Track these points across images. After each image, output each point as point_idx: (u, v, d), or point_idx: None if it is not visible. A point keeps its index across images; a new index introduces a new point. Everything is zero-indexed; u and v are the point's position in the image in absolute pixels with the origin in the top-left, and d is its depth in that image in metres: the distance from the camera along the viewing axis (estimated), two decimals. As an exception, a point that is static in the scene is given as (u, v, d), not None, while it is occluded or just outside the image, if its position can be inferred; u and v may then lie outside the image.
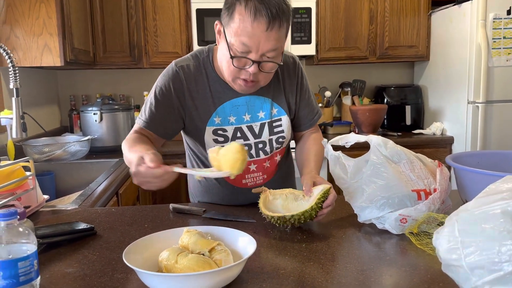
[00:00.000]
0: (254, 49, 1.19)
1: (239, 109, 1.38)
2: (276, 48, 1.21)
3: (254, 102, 1.39)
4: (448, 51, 3.13)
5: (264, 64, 1.23)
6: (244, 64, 1.23)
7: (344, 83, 3.57)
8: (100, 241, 1.15)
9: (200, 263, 0.87)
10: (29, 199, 1.37)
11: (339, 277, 0.91)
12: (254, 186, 1.43)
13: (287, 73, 1.44)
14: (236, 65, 1.22)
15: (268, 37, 1.17)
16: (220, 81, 1.37)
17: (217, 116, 1.37)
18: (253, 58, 1.20)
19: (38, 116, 2.79)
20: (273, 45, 1.19)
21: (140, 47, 3.13)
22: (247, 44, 1.18)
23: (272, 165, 1.47)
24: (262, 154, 1.43)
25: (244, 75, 1.24)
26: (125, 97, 3.46)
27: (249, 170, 1.44)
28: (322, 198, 1.15)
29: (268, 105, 1.41)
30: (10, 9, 2.40)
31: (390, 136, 3.15)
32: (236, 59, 1.21)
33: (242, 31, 1.17)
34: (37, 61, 2.45)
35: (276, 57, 1.23)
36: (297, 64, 1.47)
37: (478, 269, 0.68)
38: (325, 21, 3.24)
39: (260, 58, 1.21)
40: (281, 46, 1.23)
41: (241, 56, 1.21)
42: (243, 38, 1.17)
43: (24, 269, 0.78)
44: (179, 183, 2.92)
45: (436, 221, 1.09)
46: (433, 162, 1.24)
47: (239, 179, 1.44)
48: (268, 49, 1.19)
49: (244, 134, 1.40)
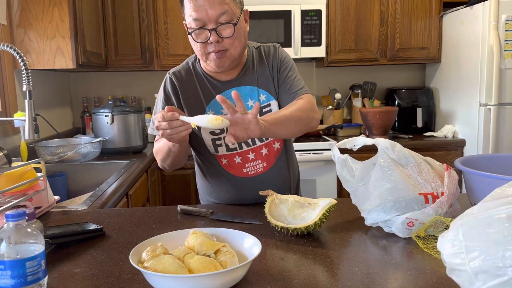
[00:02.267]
0: (206, 19, 1.31)
1: (229, 101, 1.39)
2: (225, 11, 1.31)
3: (242, 92, 1.47)
4: (460, 53, 3.10)
5: (221, 29, 1.32)
6: (205, 37, 1.33)
7: (354, 85, 3.55)
8: (109, 241, 1.16)
9: (205, 265, 0.88)
10: (40, 200, 1.39)
11: (344, 280, 0.91)
12: (255, 175, 1.50)
13: (270, 60, 1.51)
14: (199, 40, 1.34)
15: (211, 3, 1.29)
16: (208, 78, 1.48)
17: (210, 110, 1.47)
18: (209, 27, 1.31)
19: (51, 118, 2.83)
20: (220, 9, 1.30)
21: (151, 50, 3.16)
22: (198, 18, 1.31)
23: (270, 153, 1.52)
24: (258, 141, 1.50)
25: (211, 47, 1.34)
26: (136, 99, 3.49)
27: (248, 158, 1.50)
28: (327, 213, 1.14)
29: (255, 93, 1.48)
30: (24, 13, 2.45)
31: (400, 139, 3.14)
32: (195, 33, 1.33)
33: (191, 9, 1.31)
34: (50, 64, 2.49)
35: (231, 19, 1.32)
36: (277, 48, 1.54)
37: (482, 274, 0.68)
38: (335, 23, 3.24)
39: (216, 25, 1.31)
40: (230, 9, 1.32)
41: (197, 29, 1.32)
42: (194, 14, 1.31)
43: (32, 269, 0.79)
44: (188, 185, 2.94)
45: (443, 225, 1.08)
46: (441, 166, 1.23)
47: (240, 169, 1.50)
48: (217, 14, 1.30)
49: None
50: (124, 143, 2.78)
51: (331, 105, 3.53)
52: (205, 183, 1.59)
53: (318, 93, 3.67)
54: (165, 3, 3.12)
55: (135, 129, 2.83)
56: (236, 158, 1.50)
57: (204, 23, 1.31)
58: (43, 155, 2.37)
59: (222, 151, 1.50)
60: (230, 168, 1.51)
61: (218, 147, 1.50)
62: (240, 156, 1.50)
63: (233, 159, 1.50)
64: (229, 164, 1.51)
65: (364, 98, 3.44)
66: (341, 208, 1.38)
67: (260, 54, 1.52)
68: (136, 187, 2.23)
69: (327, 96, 3.60)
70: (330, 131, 3.36)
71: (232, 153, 1.50)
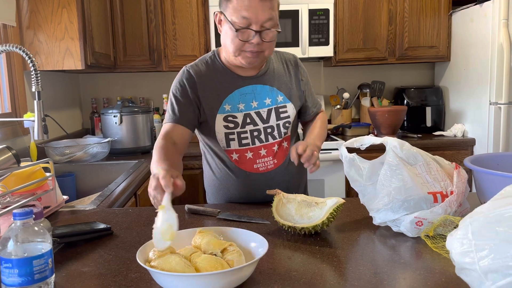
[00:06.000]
0: (253, 20, 1.34)
1: (247, 97, 1.51)
2: (272, 17, 1.36)
3: (260, 90, 1.52)
4: (470, 51, 3.07)
5: (265, 33, 1.37)
6: (247, 36, 1.37)
7: (362, 85, 3.53)
8: (116, 241, 1.17)
9: (212, 264, 0.88)
10: (49, 199, 1.40)
11: (352, 280, 0.90)
12: (266, 171, 1.53)
13: (291, 66, 1.61)
14: (241, 38, 1.37)
15: (263, 7, 1.33)
16: (228, 72, 1.51)
17: (226, 104, 1.49)
18: (255, 28, 1.35)
19: (61, 119, 2.85)
20: (269, 14, 1.35)
21: (159, 51, 3.17)
22: (247, 17, 1.34)
23: (280, 150, 1.56)
24: (271, 139, 1.53)
25: (249, 47, 1.39)
26: (145, 100, 3.51)
27: (260, 154, 1.53)
28: (334, 212, 1.14)
29: (274, 92, 1.54)
30: (34, 15, 2.47)
31: (410, 138, 3.11)
32: (240, 32, 1.36)
33: (241, 6, 1.33)
34: (59, 65, 2.51)
35: (274, 26, 1.38)
36: (297, 60, 1.65)
37: (492, 273, 0.67)
38: (343, 22, 3.22)
39: (260, 28, 1.36)
40: (276, 15, 1.39)
41: (244, 28, 1.35)
42: (243, 12, 1.33)
43: (39, 267, 0.80)
44: (196, 184, 2.94)
45: (452, 224, 1.07)
46: (450, 164, 1.21)
47: (251, 164, 1.53)
48: (265, 19, 1.35)
49: (253, 120, 1.51)
50: (133, 144, 2.80)
51: (339, 104, 3.51)
52: (214, 181, 1.60)
53: (326, 92, 3.66)
54: (173, 4, 3.13)
55: (143, 129, 2.84)
56: (247, 154, 1.52)
57: (250, 23, 1.35)
58: (53, 156, 2.39)
59: (234, 146, 1.52)
60: (241, 163, 1.53)
61: (230, 141, 1.51)
62: (252, 152, 1.52)
63: (244, 154, 1.52)
64: (240, 159, 1.52)
65: (373, 97, 3.42)
66: (349, 208, 1.37)
67: (280, 59, 1.60)
68: (145, 187, 2.23)
69: (335, 95, 3.58)
70: (338, 131, 3.34)
71: (244, 148, 1.52)
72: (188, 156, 2.88)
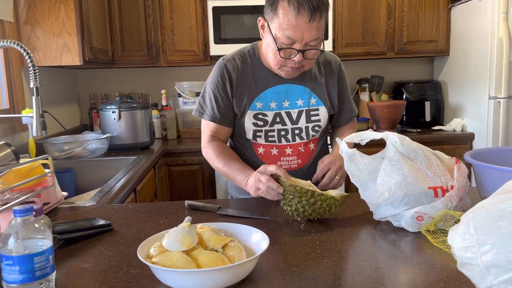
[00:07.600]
0: (298, 40, 1.31)
1: (280, 95, 1.51)
2: (318, 37, 1.33)
3: (294, 90, 1.51)
4: (469, 45, 3.07)
5: (308, 52, 1.35)
6: (289, 54, 1.36)
7: (361, 79, 3.53)
8: (116, 237, 1.16)
9: (213, 259, 0.87)
10: (48, 196, 1.40)
11: (353, 275, 0.90)
12: (288, 169, 1.53)
13: (329, 69, 1.57)
14: (283, 56, 1.36)
15: (310, 28, 1.29)
16: (264, 69, 1.50)
17: (258, 101, 1.50)
18: (298, 47, 1.33)
19: (59, 115, 2.84)
20: (315, 35, 1.31)
21: (157, 46, 3.16)
22: (291, 37, 1.31)
23: (306, 152, 1.55)
24: (298, 139, 1.53)
25: (290, 63, 1.38)
26: (143, 95, 3.50)
27: (285, 153, 1.53)
28: (340, 199, 1.19)
29: (307, 94, 1.52)
30: (31, 10, 2.45)
31: (409, 133, 3.11)
32: (283, 51, 1.35)
33: (287, 25, 1.30)
34: (57, 61, 2.50)
35: (318, 44, 1.36)
36: (339, 63, 1.61)
37: (494, 268, 0.66)
38: (342, 16, 3.21)
39: (303, 47, 1.33)
40: (321, 35, 1.35)
41: (286, 48, 1.34)
42: (288, 31, 1.30)
43: (40, 264, 0.79)
44: (196, 180, 2.94)
45: (453, 218, 1.07)
46: (451, 159, 1.21)
47: (275, 161, 1.54)
48: (311, 39, 1.32)
49: (283, 119, 1.51)
50: (132, 139, 2.79)
51: (338, 99, 3.51)
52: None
53: (325, 87, 3.65)
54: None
55: (142, 125, 2.84)
56: (273, 150, 1.53)
57: (294, 42, 1.33)
58: (51, 152, 2.38)
59: (261, 141, 1.53)
60: (265, 158, 1.54)
61: (257, 137, 1.52)
62: (277, 149, 1.53)
63: (270, 150, 1.53)
64: (265, 154, 1.53)
65: (372, 92, 3.41)
66: (349, 203, 1.37)
67: (318, 60, 1.55)
68: (144, 182, 2.23)
69: (334, 90, 3.57)
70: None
71: (270, 144, 1.53)
72: (187, 151, 2.88)
